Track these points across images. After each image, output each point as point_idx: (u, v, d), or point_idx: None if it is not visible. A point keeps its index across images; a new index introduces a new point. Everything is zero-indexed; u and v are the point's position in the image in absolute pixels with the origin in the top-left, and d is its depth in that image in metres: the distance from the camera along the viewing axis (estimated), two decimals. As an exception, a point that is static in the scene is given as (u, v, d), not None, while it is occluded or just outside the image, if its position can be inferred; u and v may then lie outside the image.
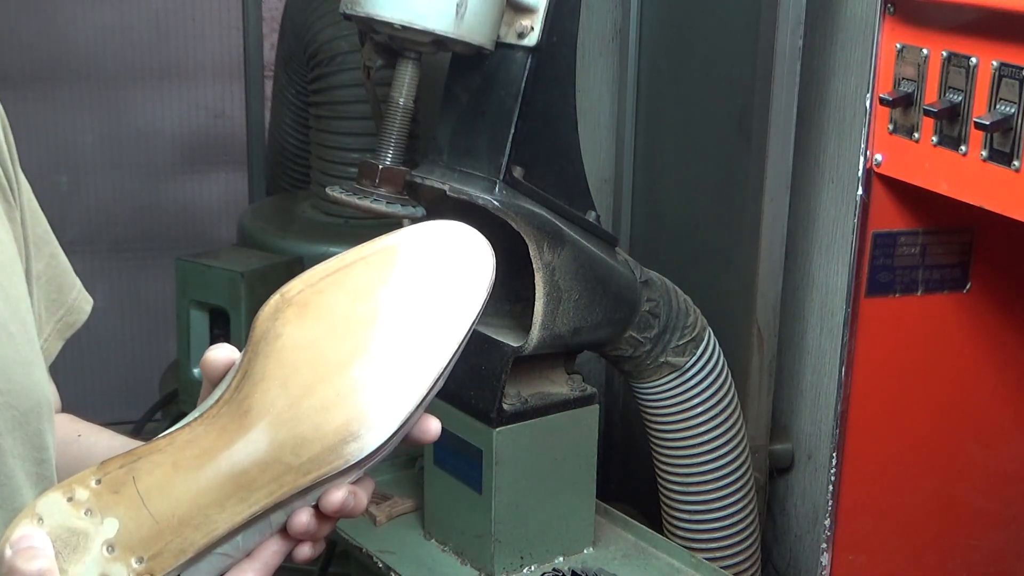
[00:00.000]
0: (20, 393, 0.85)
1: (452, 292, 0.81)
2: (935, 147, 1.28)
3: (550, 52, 1.64)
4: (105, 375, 3.05)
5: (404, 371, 0.77)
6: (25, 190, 0.96)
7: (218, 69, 2.95)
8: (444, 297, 0.81)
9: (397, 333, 0.79)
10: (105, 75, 2.89)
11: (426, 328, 0.79)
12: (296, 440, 0.75)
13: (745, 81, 1.98)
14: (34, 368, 0.88)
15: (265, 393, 0.77)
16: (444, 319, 0.80)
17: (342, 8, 1.61)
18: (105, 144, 2.92)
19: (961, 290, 1.50)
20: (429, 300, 0.80)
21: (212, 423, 0.78)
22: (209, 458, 0.76)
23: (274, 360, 0.78)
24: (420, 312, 0.80)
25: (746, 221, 1.99)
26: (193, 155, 2.99)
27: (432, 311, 0.80)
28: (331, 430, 0.75)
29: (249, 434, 0.76)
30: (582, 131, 1.75)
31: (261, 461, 0.76)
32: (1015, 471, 1.58)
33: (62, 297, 0.99)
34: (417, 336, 0.79)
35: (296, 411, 0.76)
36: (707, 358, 1.87)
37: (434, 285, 0.81)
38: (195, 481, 0.76)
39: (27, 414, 0.86)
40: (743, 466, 1.92)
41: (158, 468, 0.76)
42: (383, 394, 0.77)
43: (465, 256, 0.84)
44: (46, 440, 0.89)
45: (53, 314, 0.98)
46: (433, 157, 1.71)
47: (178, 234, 3.00)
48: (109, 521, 0.74)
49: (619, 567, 1.75)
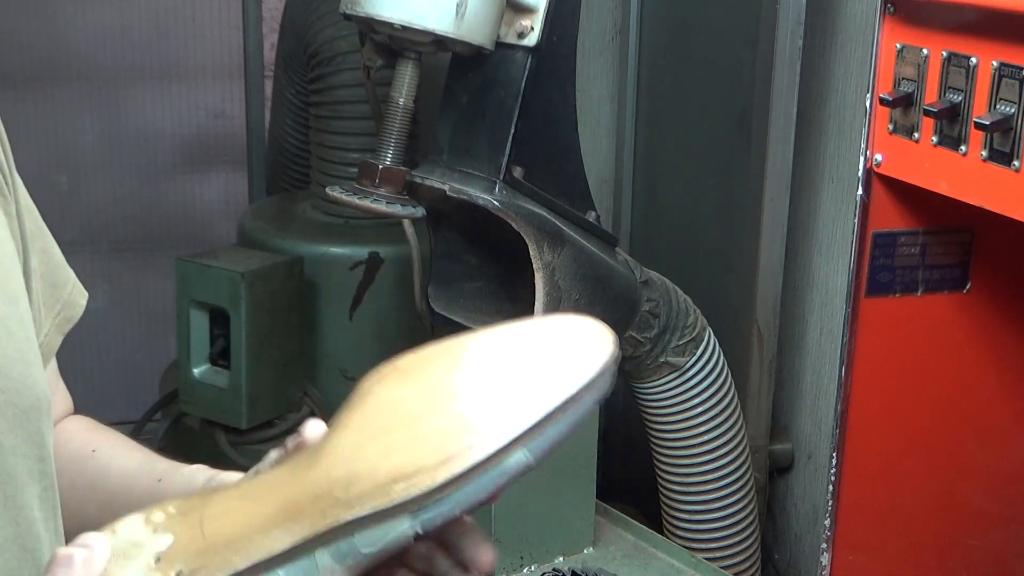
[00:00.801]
0: (20, 391, 0.85)
1: (552, 377, 0.79)
2: (935, 147, 1.28)
3: (550, 52, 1.64)
4: (105, 375, 3.05)
5: (471, 432, 0.76)
6: (19, 185, 0.96)
7: (218, 69, 2.94)
8: (542, 381, 0.78)
9: (480, 400, 0.77)
10: (105, 75, 2.89)
11: (509, 403, 0.77)
12: (350, 476, 0.75)
13: (745, 81, 1.98)
14: (33, 366, 0.88)
15: (339, 437, 0.78)
16: (536, 391, 0.78)
17: (342, 8, 1.61)
18: (105, 144, 2.92)
19: (961, 290, 1.50)
20: (525, 380, 0.78)
21: (288, 462, 0.80)
22: (271, 490, 0.78)
23: (358, 412, 0.79)
24: (511, 388, 0.78)
25: (746, 221, 1.99)
26: (193, 155, 2.99)
27: (528, 381, 0.78)
28: (385, 469, 0.75)
29: (311, 470, 0.77)
30: (582, 131, 1.75)
31: (313, 494, 0.76)
32: (1015, 471, 1.58)
33: (58, 292, 0.99)
34: (495, 407, 0.77)
35: (360, 452, 0.76)
36: (707, 358, 1.87)
37: (537, 369, 0.79)
38: (251, 508, 0.77)
39: (28, 412, 0.86)
40: (743, 466, 1.92)
41: (228, 498, 0.79)
42: (444, 445, 0.75)
43: (580, 350, 0.81)
44: (46, 437, 0.89)
45: (51, 309, 0.98)
46: (433, 157, 1.71)
47: (178, 234, 3.00)
48: (165, 537, 0.77)
49: (619, 567, 1.75)
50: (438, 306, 1.79)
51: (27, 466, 0.87)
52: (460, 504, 0.75)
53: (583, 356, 0.81)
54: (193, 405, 2.23)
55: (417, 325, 1.97)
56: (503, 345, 0.82)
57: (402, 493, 0.74)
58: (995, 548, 1.59)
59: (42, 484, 0.89)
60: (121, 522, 0.78)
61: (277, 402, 2.23)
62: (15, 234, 0.91)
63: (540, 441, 0.77)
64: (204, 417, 2.23)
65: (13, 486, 0.85)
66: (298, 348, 2.25)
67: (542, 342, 0.81)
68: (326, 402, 2.27)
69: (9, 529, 0.85)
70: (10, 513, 0.85)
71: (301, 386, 2.28)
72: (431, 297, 1.79)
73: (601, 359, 0.81)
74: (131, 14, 2.88)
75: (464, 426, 0.76)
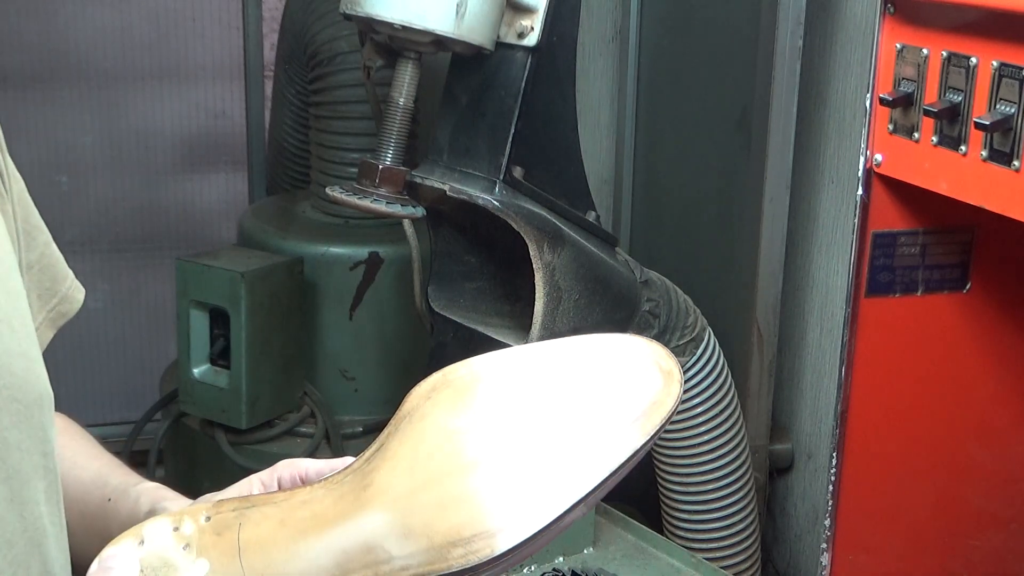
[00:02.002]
0: (23, 386, 0.86)
1: (620, 415, 0.73)
2: (935, 147, 1.28)
3: (550, 52, 1.64)
4: (105, 375, 3.04)
5: (537, 490, 0.71)
6: (15, 180, 0.96)
7: (218, 69, 2.94)
8: (610, 417, 0.73)
9: (543, 442, 0.72)
10: (105, 75, 2.89)
11: (578, 446, 0.72)
12: (404, 530, 0.71)
13: (745, 81, 1.98)
14: (35, 361, 0.88)
15: (390, 472, 0.73)
16: (601, 443, 0.72)
17: (342, 8, 1.61)
18: (105, 144, 2.92)
19: (961, 290, 1.50)
20: (592, 416, 0.73)
21: (332, 489, 0.75)
22: (315, 525, 0.73)
23: (411, 441, 0.74)
24: (577, 426, 0.72)
25: (746, 221, 1.99)
26: (193, 155, 2.99)
27: (592, 430, 0.72)
28: (442, 529, 0.71)
29: (361, 511, 0.73)
30: (582, 131, 1.75)
31: (364, 543, 0.72)
32: (1015, 471, 1.58)
33: (56, 286, 0.99)
34: (564, 453, 0.72)
35: (413, 500, 0.72)
36: (707, 358, 1.87)
37: (605, 402, 0.73)
38: (294, 545, 0.73)
39: (31, 407, 0.86)
40: (743, 466, 1.92)
41: (266, 521, 0.74)
42: (507, 508, 0.71)
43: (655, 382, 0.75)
44: (49, 432, 0.90)
45: (46, 303, 0.98)
46: (433, 157, 1.71)
47: (178, 234, 3.00)
48: (201, 562, 0.74)
49: (619, 567, 1.75)
50: (438, 306, 1.79)
51: (32, 461, 0.87)
52: (512, 561, 0.72)
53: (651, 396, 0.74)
54: (193, 405, 2.23)
55: (417, 325, 1.97)
56: (565, 370, 0.75)
57: (460, 560, 0.71)
58: (995, 548, 1.59)
59: (47, 479, 0.90)
60: (149, 526, 0.74)
61: (277, 402, 2.23)
62: (11, 231, 0.92)
63: (599, 493, 0.73)
64: (204, 417, 2.23)
65: (19, 481, 0.86)
66: (298, 348, 2.25)
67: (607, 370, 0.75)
68: (326, 402, 2.27)
69: (17, 523, 0.85)
70: (16, 508, 0.85)
71: (301, 386, 2.28)
72: (431, 297, 1.79)
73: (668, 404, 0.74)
74: (131, 14, 2.88)
75: (527, 483, 0.71)
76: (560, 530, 0.72)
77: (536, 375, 0.75)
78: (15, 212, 0.94)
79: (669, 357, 0.76)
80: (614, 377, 0.75)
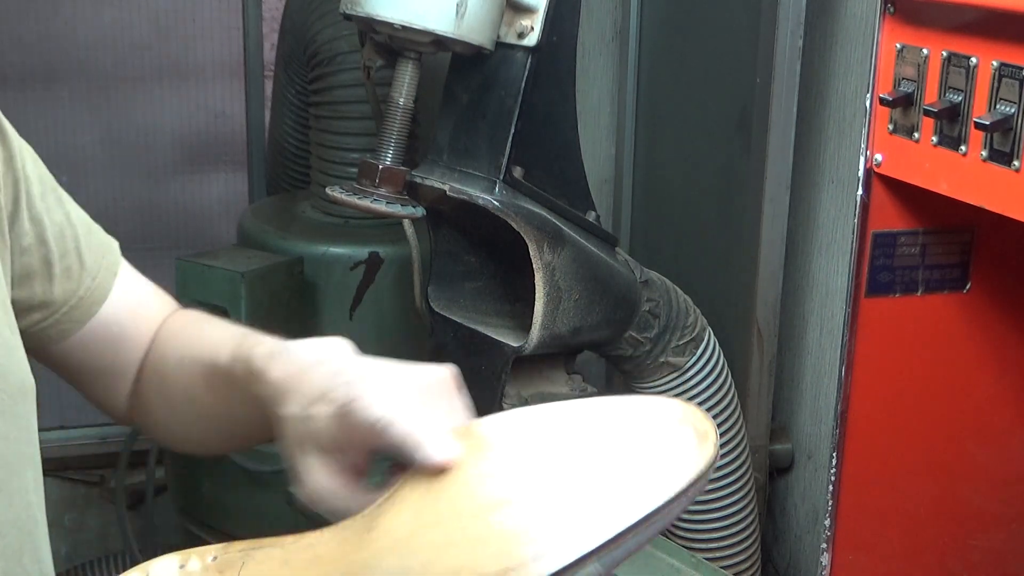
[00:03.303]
0: (6, 376, 0.86)
1: (642, 482, 0.68)
2: (935, 147, 1.28)
3: (550, 52, 1.64)
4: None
5: (546, 538, 0.66)
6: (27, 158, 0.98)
7: (218, 69, 2.94)
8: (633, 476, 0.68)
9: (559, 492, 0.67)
10: (105, 75, 2.88)
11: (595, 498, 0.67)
12: (400, 570, 0.67)
13: (745, 81, 1.98)
14: (16, 349, 0.89)
15: (396, 516, 0.70)
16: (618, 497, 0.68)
17: (342, 8, 1.61)
18: (105, 144, 2.92)
19: (961, 290, 1.50)
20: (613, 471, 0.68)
21: (338, 532, 0.72)
22: (315, 565, 0.71)
23: (422, 488, 0.70)
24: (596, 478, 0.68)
25: (746, 221, 1.99)
26: (193, 155, 2.99)
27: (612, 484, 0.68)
28: (438, 570, 0.66)
29: (360, 552, 0.69)
30: (582, 131, 1.75)
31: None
32: (1015, 471, 1.58)
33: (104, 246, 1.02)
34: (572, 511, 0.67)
35: (414, 541, 0.68)
36: (707, 358, 1.87)
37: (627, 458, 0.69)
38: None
39: (14, 396, 0.87)
40: (743, 466, 1.92)
41: (269, 561, 0.72)
42: (507, 552, 0.66)
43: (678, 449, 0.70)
44: (31, 420, 0.90)
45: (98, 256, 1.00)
46: (433, 157, 1.71)
47: (178, 234, 3.00)
48: None
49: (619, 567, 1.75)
50: (438, 306, 1.79)
51: (19, 450, 0.88)
52: None
53: (680, 457, 0.70)
54: (193, 405, 2.22)
55: (417, 325, 1.97)
56: (596, 428, 0.71)
57: None
58: (995, 548, 1.59)
59: (32, 468, 0.90)
60: (157, 564, 0.73)
61: (277, 402, 2.23)
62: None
63: (616, 554, 0.68)
64: (204, 417, 2.23)
65: (8, 471, 0.86)
66: (298, 348, 2.25)
67: (638, 433, 0.70)
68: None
69: (7, 512, 0.86)
70: (6, 498, 0.86)
71: (301, 386, 2.28)
72: (431, 297, 1.79)
73: (697, 466, 0.70)
74: (131, 14, 2.88)
75: (532, 530, 0.66)
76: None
77: (560, 430, 0.72)
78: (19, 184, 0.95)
79: (706, 419, 0.73)
80: (643, 435, 0.71)
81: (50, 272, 0.96)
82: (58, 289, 0.96)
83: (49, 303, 0.96)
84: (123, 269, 1.03)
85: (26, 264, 0.95)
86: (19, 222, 0.94)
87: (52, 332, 0.97)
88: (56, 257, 0.96)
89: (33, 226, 0.95)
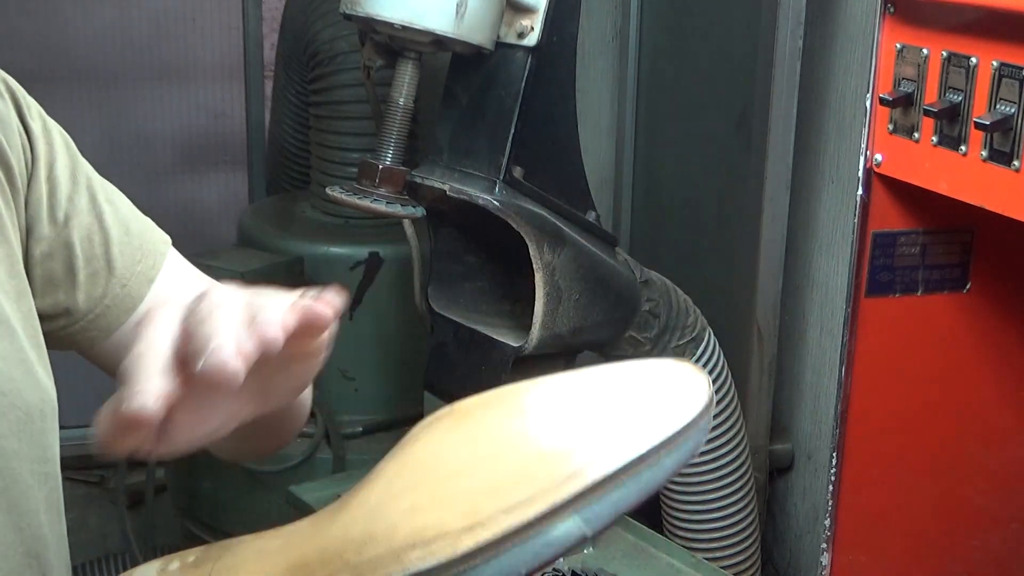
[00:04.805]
0: (22, 393, 0.84)
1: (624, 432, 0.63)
2: (935, 147, 1.28)
3: (550, 52, 1.64)
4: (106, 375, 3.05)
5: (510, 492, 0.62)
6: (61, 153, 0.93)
7: (218, 69, 2.94)
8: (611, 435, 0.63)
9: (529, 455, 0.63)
10: (105, 75, 2.89)
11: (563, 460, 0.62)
12: (366, 537, 0.64)
13: (745, 81, 1.98)
14: (35, 365, 0.86)
15: (369, 490, 0.67)
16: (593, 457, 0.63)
17: (342, 8, 1.61)
18: (105, 144, 2.92)
19: (961, 290, 1.50)
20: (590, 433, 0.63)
21: (315, 515, 0.70)
22: (289, 548, 0.68)
23: (397, 461, 0.68)
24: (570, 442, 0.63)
25: (746, 221, 1.99)
26: (193, 155, 2.99)
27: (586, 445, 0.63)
28: (404, 533, 0.63)
29: (330, 528, 0.67)
30: (582, 131, 1.75)
31: (325, 553, 0.66)
32: (1015, 471, 1.58)
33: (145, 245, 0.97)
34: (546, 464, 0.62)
35: (384, 508, 0.65)
36: (707, 358, 1.87)
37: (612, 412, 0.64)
38: (262, 565, 0.68)
39: (30, 414, 0.85)
40: (743, 466, 1.92)
41: (245, 551, 0.70)
42: (476, 507, 0.62)
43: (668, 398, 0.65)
44: (50, 438, 0.88)
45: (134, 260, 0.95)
46: (433, 157, 1.71)
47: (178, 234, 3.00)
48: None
49: (619, 567, 1.75)
50: (438, 306, 1.79)
51: (31, 469, 0.86)
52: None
53: (669, 406, 0.65)
54: (193, 405, 2.22)
55: (417, 325, 1.97)
56: (576, 391, 0.67)
57: (416, 562, 0.62)
58: (995, 548, 1.59)
59: (48, 486, 0.88)
60: (139, 570, 0.72)
61: (277, 402, 2.23)
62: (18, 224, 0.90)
63: (599, 508, 0.63)
64: (204, 417, 2.23)
65: (17, 490, 0.84)
66: (298, 348, 2.25)
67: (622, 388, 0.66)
68: (326, 402, 2.27)
69: (12, 535, 0.84)
70: (12, 519, 0.84)
71: (301, 386, 2.28)
72: (431, 297, 1.79)
73: (690, 412, 0.65)
74: (131, 14, 2.88)
75: (504, 485, 0.62)
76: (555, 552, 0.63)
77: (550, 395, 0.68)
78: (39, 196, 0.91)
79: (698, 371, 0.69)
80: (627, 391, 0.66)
81: (74, 279, 0.92)
82: (82, 296, 0.92)
83: (72, 311, 0.92)
84: (169, 270, 0.98)
85: (49, 270, 0.91)
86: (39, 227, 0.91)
87: (79, 339, 0.94)
88: (81, 263, 0.92)
89: (56, 230, 0.91)
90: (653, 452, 0.63)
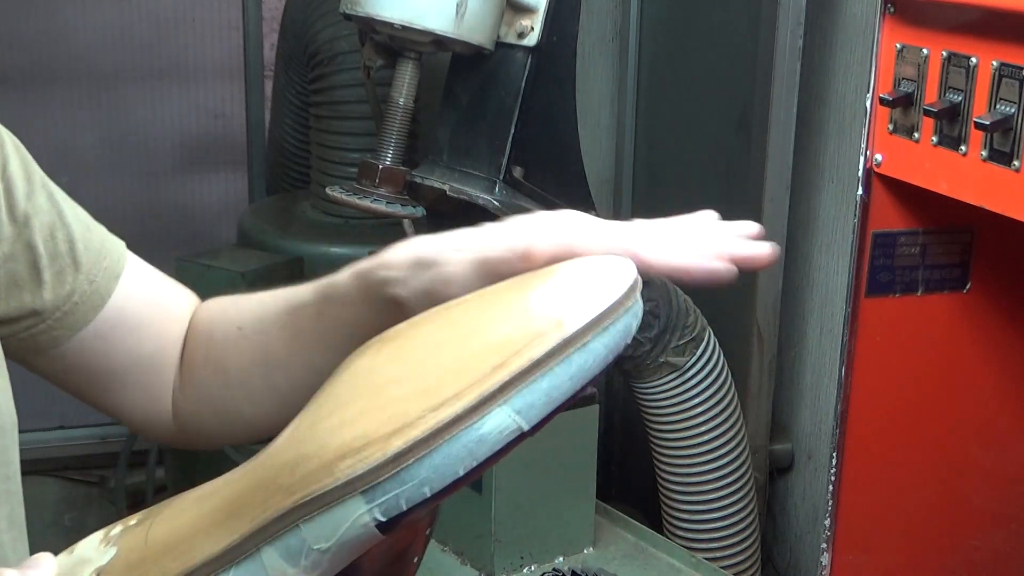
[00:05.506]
0: None
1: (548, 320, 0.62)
2: (935, 147, 1.28)
3: (550, 52, 1.64)
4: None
5: (436, 392, 0.60)
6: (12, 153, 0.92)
7: (218, 69, 2.94)
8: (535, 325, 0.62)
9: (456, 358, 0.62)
10: (105, 75, 2.89)
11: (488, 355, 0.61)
12: (298, 458, 0.63)
13: (745, 81, 1.98)
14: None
15: (300, 419, 0.66)
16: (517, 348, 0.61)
17: (342, 8, 1.61)
18: (105, 144, 2.92)
19: (961, 290, 1.50)
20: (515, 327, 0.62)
21: (253, 458, 0.68)
22: (224, 485, 0.67)
23: (327, 389, 0.66)
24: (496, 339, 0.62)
25: (746, 221, 1.99)
26: (193, 155, 2.99)
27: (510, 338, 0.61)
28: (335, 446, 0.61)
29: (263, 458, 0.66)
30: (582, 131, 1.75)
31: (259, 482, 0.64)
32: (1015, 471, 1.58)
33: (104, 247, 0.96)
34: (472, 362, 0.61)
35: (313, 430, 0.63)
36: (707, 358, 1.87)
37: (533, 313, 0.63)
38: (198, 508, 0.67)
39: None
40: (743, 466, 1.92)
41: (183, 501, 0.69)
42: (404, 411, 0.60)
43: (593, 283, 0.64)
44: (11, 454, 0.85)
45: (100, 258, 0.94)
46: (433, 157, 1.71)
47: (178, 234, 3.00)
48: (111, 551, 0.68)
49: (619, 567, 1.75)
50: (438, 306, 1.78)
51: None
52: (427, 481, 0.60)
53: (591, 291, 0.63)
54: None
55: (417, 325, 1.97)
56: (502, 292, 0.67)
57: (347, 471, 0.60)
58: (995, 548, 1.59)
59: (9, 504, 0.85)
60: (83, 541, 0.70)
61: (277, 402, 2.23)
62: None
63: (529, 396, 0.60)
64: (204, 417, 2.23)
65: None
66: (298, 348, 2.25)
67: (547, 284, 0.65)
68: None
69: None
70: None
71: (301, 386, 2.28)
72: (431, 297, 1.79)
73: (613, 294, 0.64)
74: (131, 14, 2.88)
75: (432, 386, 0.61)
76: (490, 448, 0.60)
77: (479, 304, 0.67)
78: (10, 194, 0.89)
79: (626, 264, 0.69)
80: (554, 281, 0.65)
81: (39, 278, 0.89)
82: (49, 295, 0.90)
83: (40, 311, 0.89)
84: (131, 268, 0.97)
85: (11, 271, 0.88)
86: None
87: (42, 339, 0.91)
88: (46, 261, 0.90)
89: (16, 229, 0.88)
90: (579, 335, 0.62)
